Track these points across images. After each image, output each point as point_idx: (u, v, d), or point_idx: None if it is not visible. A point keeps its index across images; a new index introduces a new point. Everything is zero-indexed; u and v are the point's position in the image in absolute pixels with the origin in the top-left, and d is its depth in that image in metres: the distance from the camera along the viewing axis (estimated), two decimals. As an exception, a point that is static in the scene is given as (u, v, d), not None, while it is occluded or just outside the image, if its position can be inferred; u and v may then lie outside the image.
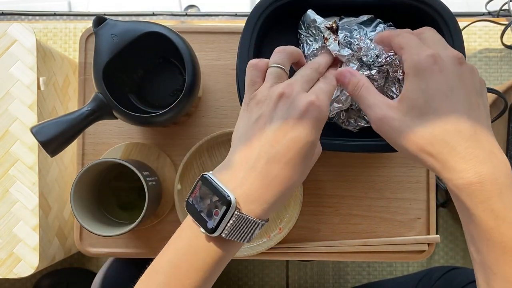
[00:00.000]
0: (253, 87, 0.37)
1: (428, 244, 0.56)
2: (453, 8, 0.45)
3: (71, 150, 0.81)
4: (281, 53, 0.37)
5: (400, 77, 0.43)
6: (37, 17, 1.07)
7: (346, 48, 0.42)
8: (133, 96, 0.54)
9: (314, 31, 0.46)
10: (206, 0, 1.10)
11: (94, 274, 0.99)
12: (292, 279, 1.04)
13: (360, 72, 0.43)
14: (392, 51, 0.42)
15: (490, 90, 0.46)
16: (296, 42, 0.50)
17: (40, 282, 0.97)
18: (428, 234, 0.56)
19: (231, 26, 0.58)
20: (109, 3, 1.10)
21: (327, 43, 0.43)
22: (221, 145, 0.56)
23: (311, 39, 0.46)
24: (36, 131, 0.43)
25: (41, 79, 0.67)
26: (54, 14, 1.07)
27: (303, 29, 0.47)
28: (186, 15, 1.06)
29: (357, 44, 0.42)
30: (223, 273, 1.11)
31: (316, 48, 0.45)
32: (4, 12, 1.06)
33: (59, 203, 0.77)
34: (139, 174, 0.47)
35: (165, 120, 0.48)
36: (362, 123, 0.47)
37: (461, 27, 0.44)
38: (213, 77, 0.58)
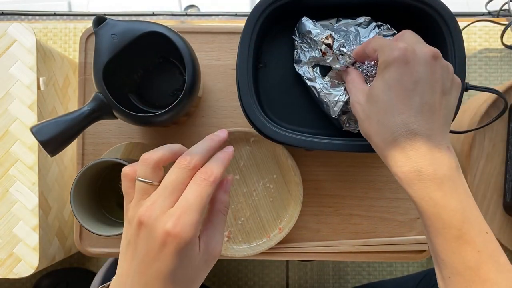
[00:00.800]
0: (128, 199, 0.34)
1: (428, 244, 0.56)
2: (453, 8, 0.45)
3: (71, 150, 0.81)
4: (144, 164, 0.33)
5: None
6: (37, 17, 1.07)
7: (341, 59, 0.44)
8: (133, 96, 0.54)
9: (309, 41, 0.47)
10: (206, 0, 1.10)
11: (94, 274, 0.99)
12: (292, 279, 1.04)
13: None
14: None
15: (490, 90, 0.46)
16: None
17: (40, 282, 0.97)
18: (428, 234, 0.56)
19: (231, 26, 0.58)
20: (109, 3, 1.10)
21: (326, 57, 0.45)
22: (221, 145, 0.56)
23: (306, 47, 0.47)
24: (36, 131, 0.43)
25: (41, 79, 0.67)
26: (54, 14, 1.07)
27: (298, 36, 0.48)
28: (186, 15, 1.06)
29: (350, 52, 0.44)
30: (223, 273, 1.12)
31: (313, 57, 0.46)
32: (4, 12, 1.06)
33: (59, 203, 0.77)
34: (139, 174, 0.47)
35: (165, 120, 0.48)
36: None
37: (461, 27, 0.44)
38: (213, 77, 0.58)
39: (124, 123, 0.57)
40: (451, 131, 0.69)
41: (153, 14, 1.06)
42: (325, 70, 0.47)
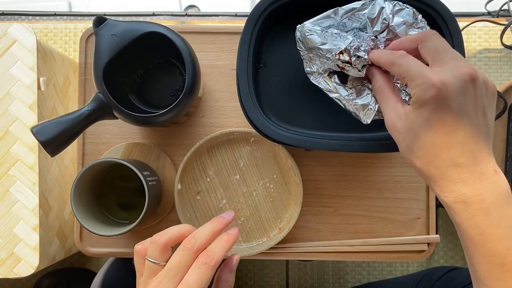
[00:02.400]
0: (139, 274, 0.39)
1: (428, 244, 0.56)
2: (453, 8, 0.45)
3: (72, 150, 0.81)
4: (154, 246, 0.37)
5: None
6: (37, 17, 1.07)
7: (359, 64, 0.40)
8: (133, 96, 0.54)
9: (319, 53, 0.42)
10: (206, 0, 1.10)
11: (94, 274, 0.99)
12: (292, 279, 1.05)
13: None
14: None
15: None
16: (295, 41, 0.50)
17: (41, 282, 0.97)
18: (428, 234, 0.56)
19: (231, 26, 0.58)
20: (109, 3, 1.10)
21: (345, 70, 0.41)
22: (221, 145, 0.56)
23: (317, 58, 0.43)
24: (36, 131, 0.43)
25: (41, 79, 0.67)
26: (55, 14, 1.07)
27: (303, 48, 0.44)
28: (186, 15, 1.06)
29: (367, 55, 0.40)
30: (223, 273, 1.11)
31: (329, 68, 0.42)
32: (4, 12, 1.06)
33: (60, 203, 0.77)
34: (139, 174, 0.48)
35: (165, 120, 0.48)
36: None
37: (461, 27, 0.44)
38: (213, 77, 0.58)
39: (124, 123, 0.57)
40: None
41: (153, 14, 1.07)
42: (343, 74, 0.43)
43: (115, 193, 0.55)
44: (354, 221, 0.57)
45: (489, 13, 1.01)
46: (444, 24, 0.44)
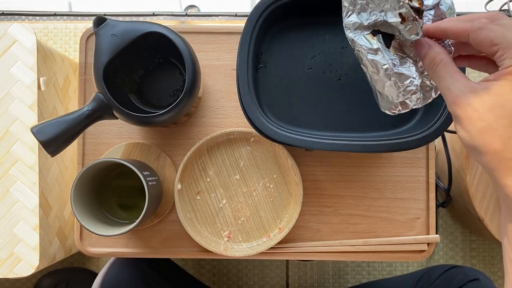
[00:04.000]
0: None
1: (428, 244, 0.56)
2: (453, 8, 0.45)
3: (72, 150, 0.81)
4: None
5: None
6: (38, 17, 1.07)
7: (419, 28, 0.35)
8: (133, 96, 0.54)
9: None
10: (206, 0, 1.10)
11: (94, 274, 0.99)
12: (292, 279, 1.05)
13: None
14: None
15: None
16: (295, 41, 0.50)
17: (41, 282, 0.97)
18: (428, 234, 0.56)
19: (231, 26, 0.58)
20: (109, 3, 1.10)
21: (404, 25, 0.35)
22: (221, 145, 0.56)
23: (367, 4, 0.37)
24: (36, 131, 0.43)
25: (41, 79, 0.67)
26: (55, 14, 1.07)
27: None
28: (186, 15, 1.06)
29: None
30: (223, 273, 1.12)
31: (380, 21, 0.36)
32: (4, 12, 1.06)
33: (60, 203, 0.77)
34: (139, 174, 0.48)
35: (165, 120, 0.48)
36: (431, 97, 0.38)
37: (460, 27, 0.44)
38: (213, 77, 0.58)
39: (124, 123, 0.57)
40: (451, 131, 0.69)
41: (153, 15, 1.07)
42: (385, 37, 0.37)
43: (115, 193, 0.55)
44: (354, 221, 0.57)
45: (489, 13, 1.01)
46: (444, 24, 0.44)
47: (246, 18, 0.47)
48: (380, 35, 0.37)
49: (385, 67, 0.36)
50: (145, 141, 0.57)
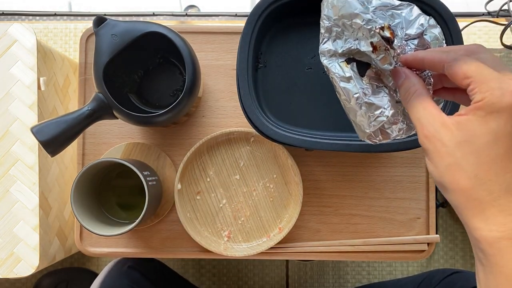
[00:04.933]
0: None
1: (428, 244, 0.56)
2: (453, 9, 0.45)
3: (72, 150, 0.81)
4: None
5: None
6: (38, 17, 1.07)
7: (393, 57, 0.35)
8: (133, 96, 0.54)
9: (348, 25, 0.36)
10: (206, 0, 1.10)
11: (94, 274, 0.99)
12: (292, 279, 1.05)
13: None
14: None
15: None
16: (295, 41, 0.50)
17: (41, 282, 0.97)
18: (428, 234, 0.56)
19: (231, 26, 0.58)
20: (109, 3, 1.11)
21: (375, 54, 0.35)
22: (221, 145, 0.56)
23: (342, 33, 0.36)
24: (36, 131, 0.43)
25: (41, 79, 0.67)
26: (55, 14, 1.07)
27: (332, 16, 0.37)
28: (186, 15, 1.06)
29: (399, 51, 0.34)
30: (223, 273, 1.12)
31: (353, 49, 0.36)
32: (4, 12, 1.06)
33: (60, 203, 0.77)
34: (139, 174, 0.48)
35: (165, 120, 0.48)
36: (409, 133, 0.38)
37: (461, 27, 0.44)
38: (213, 77, 0.58)
39: (124, 123, 0.57)
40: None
41: (153, 15, 1.07)
42: (360, 66, 0.37)
43: (115, 193, 0.55)
44: (354, 221, 0.57)
45: (489, 13, 1.01)
46: (444, 24, 0.44)
47: (246, 18, 0.47)
48: (355, 63, 0.37)
49: (356, 95, 0.36)
50: (145, 141, 0.57)
